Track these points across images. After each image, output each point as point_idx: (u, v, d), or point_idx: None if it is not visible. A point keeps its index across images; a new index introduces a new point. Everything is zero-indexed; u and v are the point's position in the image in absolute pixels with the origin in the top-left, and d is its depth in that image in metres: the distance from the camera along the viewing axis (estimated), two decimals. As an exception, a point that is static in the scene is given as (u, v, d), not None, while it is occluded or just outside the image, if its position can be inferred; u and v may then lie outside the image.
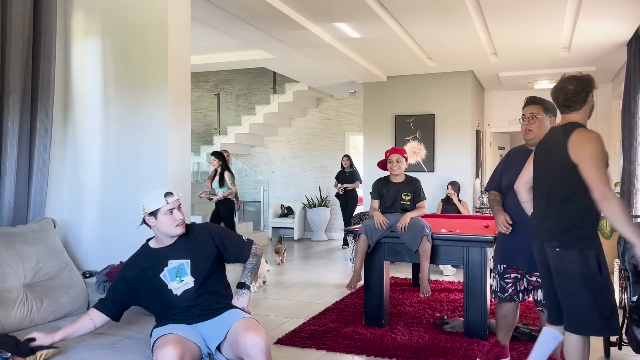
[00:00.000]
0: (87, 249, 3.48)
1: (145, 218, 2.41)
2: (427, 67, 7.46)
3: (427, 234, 4.05)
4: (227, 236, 2.59)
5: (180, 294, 2.42)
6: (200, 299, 2.44)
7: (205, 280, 2.46)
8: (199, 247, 2.49)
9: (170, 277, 2.43)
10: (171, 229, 2.40)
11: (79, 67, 3.55)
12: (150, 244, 2.52)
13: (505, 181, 3.32)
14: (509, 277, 3.31)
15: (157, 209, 2.37)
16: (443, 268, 6.62)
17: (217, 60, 7.57)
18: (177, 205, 2.42)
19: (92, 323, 2.38)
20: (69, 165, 3.55)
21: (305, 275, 6.66)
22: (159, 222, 2.39)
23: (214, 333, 2.37)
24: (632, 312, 3.22)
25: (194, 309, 2.43)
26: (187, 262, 2.45)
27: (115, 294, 2.44)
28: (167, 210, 2.38)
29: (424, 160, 7.96)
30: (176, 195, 2.43)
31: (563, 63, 7.07)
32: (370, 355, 3.67)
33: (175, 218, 2.39)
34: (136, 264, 2.48)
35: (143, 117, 3.39)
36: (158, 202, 2.37)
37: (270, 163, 10.76)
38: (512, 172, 3.24)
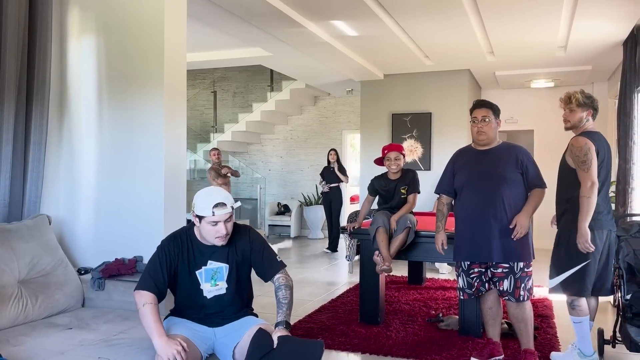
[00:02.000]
0: (82, 245, 3.48)
1: (193, 216, 2.34)
2: (424, 66, 7.46)
3: (409, 226, 4.11)
4: (263, 248, 2.47)
5: (210, 297, 2.38)
6: (225, 307, 2.41)
7: (236, 289, 2.43)
8: (238, 253, 2.42)
9: (206, 278, 2.37)
10: (211, 238, 2.33)
11: (74, 64, 3.54)
12: (196, 233, 2.40)
13: (459, 181, 3.42)
14: (473, 272, 3.37)
15: (203, 216, 2.30)
16: (439, 266, 6.63)
17: (214, 57, 7.56)
18: (224, 218, 2.29)
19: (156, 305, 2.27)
20: (64, 162, 3.55)
21: (301, 273, 6.67)
22: (202, 227, 2.32)
23: (232, 335, 2.36)
24: (626, 310, 3.24)
25: (216, 317, 2.41)
26: (225, 267, 2.40)
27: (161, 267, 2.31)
28: (212, 222, 2.29)
29: (420, 158, 7.97)
30: (228, 208, 2.30)
31: (559, 62, 7.09)
32: (366, 352, 3.68)
33: (218, 230, 2.29)
34: (177, 242, 2.37)
35: (139, 115, 3.38)
36: (205, 210, 2.28)
37: (267, 161, 10.76)
38: (466, 171, 3.41)
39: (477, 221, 3.29)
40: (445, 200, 3.55)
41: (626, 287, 3.31)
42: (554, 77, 7.91)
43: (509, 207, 3.25)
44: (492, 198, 3.26)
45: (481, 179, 3.33)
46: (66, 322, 2.68)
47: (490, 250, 3.24)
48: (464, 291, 3.45)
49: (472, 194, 3.34)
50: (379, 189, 4.40)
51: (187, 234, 2.42)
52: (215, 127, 10.64)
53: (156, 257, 2.35)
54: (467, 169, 3.41)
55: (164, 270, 2.32)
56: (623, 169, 5.29)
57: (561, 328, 4.25)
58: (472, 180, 3.36)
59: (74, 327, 2.61)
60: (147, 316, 2.17)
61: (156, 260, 2.34)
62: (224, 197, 2.32)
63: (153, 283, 2.29)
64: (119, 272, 3.12)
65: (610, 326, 3.66)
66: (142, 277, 2.32)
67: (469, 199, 3.36)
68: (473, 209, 3.33)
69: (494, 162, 3.34)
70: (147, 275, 2.32)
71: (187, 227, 2.46)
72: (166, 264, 2.33)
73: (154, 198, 3.33)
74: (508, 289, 3.26)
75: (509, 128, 9.11)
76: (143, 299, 2.23)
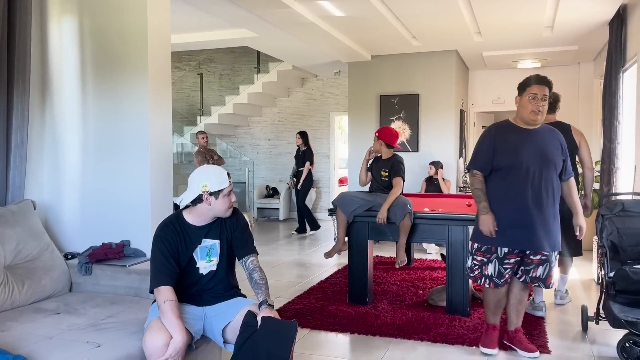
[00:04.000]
0: (68, 230, 3.45)
1: (205, 196, 2.35)
2: (412, 47, 7.43)
3: (409, 211, 4.10)
4: (246, 228, 2.55)
5: (205, 273, 2.44)
6: (216, 283, 2.46)
7: (226, 265, 2.49)
8: (227, 230, 2.48)
9: (202, 256, 2.43)
10: (224, 210, 2.41)
11: (55, 46, 3.47)
12: (186, 217, 2.44)
13: (504, 161, 3.11)
14: (508, 262, 3.15)
15: (220, 190, 2.36)
16: (426, 246, 6.69)
17: (199, 39, 7.45)
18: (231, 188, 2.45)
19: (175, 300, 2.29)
20: (48, 147, 3.50)
21: (289, 255, 6.69)
22: (217, 203, 2.38)
23: (223, 315, 2.38)
24: (609, 287, 3.30)
25: (207, 294, 2.45)
26: (217, 243, 2.47)
27: (166, 258, 2.33)
28: (227, 192, 2.39)
29: (408, 140, 7.96)
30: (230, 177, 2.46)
31: (546, 42, 7.09)
32: (354, 332, 3.72)
33: (231, 198, 2.42)
34: (171, 230, 2.40)
35: (123, 97, 3.34)
36: (223, 183, 2.37)
37: (255, 144, 10.71)
38: (513, 151, 3.10)
39: (524, 207, 3.07)
40: (480, 177, 3.22)
41: (609, 264, 3.37)
42: (540, 58, 7.93)
43: (554, 194, 3.11)
44: (540, 184, 3.07)
45: (530, 162, 3.07)
46: (54, 307, 2.67)
47: (538, 239, 3.07)
48: (492, 280, 3.19)
49: (519, 177, 3.07)
50: (371, 166, 4.56)
51: (177, 220, 2.44)
52: (201, 110, 10.53)
53: (157, 250, 2.36)
54: (514, 148, 3.11)
55: (170, 260, 2.34)
56: (608, 149, 5.34)
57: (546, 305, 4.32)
58: (520, 162, 3.08)
59: (61, 312, 2.60)
60: (168, 313, 2.21)
61: (159, 254, 2.35)
62: (223, 169, 2.48)
63: (166, 276, 2.31)
64: (106, 256, 3.11)
65: (594, 303, 3.73)
66: (153, 274, 2.33)
67: (515, 183, 3.09)
68: (520, 193, 3.08)
69: (542, 145, 3.11)
70: (156, 271, 2.32)
71: (176, 214, 2.47)
72: (169, 253, 2.35)
73: (140, 182, 3.30)
74: (541, 276, 3.18)
75: (496, 109, 9.14)
76: (162, 296, 2.25)
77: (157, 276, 2.31)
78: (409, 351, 3.38)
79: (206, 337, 2.43)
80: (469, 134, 9.11)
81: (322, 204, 10.09)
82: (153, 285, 2.30)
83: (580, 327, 3.76)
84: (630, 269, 3.21)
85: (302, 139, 8.39)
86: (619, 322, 3.11)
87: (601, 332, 3.68)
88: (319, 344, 3.55)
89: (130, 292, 2.93)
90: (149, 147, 3.29)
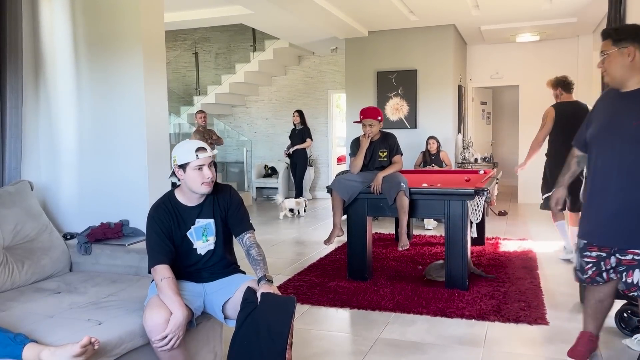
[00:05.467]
0: (67, 210, 3.45)
1: (175, 169, 2.34)
2: (409, 22, 7.34)
3: (403, 188, 4.09)
4: (240, 205, 2.51)
5: (204, 253, 2.43)
6: (215, 261, 2.46)
7: (223, 243, 2.48)
8: (221, 209, 2.46)
9: (197, 236, 2.40)
10: (197, 185, 2.33)
11: (47, 24, 3.42)
12: (178, 197, 2.42)
13: (590, 133, 2.61)
14: (589, 255, 2.59)
15: (187, 163, 2.31)
16: (426, 222, 6.71)
17: (193, 17, 7.36)
18: (208, 162, 2.33)
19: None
20: (43, 127, 3.47)
21: (289, 233, 6.71)
22: (187, 177, 2.33)
23: (223, 291, 2.39)
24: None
25: (206, 271, 2.45)
26: (212, 222, 2.44)
27: (161, 238, 2.32)
28: (197, 166, 2.31)
29: (406, 116, 7.94)
30: (209, 152, 2.35)
31: (545, 15, 7.01)
32: (354, 307, 3.75)
33: (203, 175, 2.32)
34: (163, 210, 2.38)
35: (117, 75, 3.30)
36: (189, 155, 2.30)
37: (252, 123, 10.66)
38: (598, 120, 2.58)
39: (598, 191, 2.54)
40: (577, 153, 2.76)
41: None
42: (539, 31, 7.85)
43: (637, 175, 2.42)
44: (619, 162, 2.44)
45: (610, 133, 2.49)
46: (54, 286, 2.68)
47: (614, 232, 2.48)
48: (576, 273, 2.71)
49: (597, 154, 2.55)
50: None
51: (170, 200, 2.42)
52: (198, 90, 10.45)
53: (151, 230, 2.36)
54: (600, 117, 2.59)
55: (165, 239, 2.34)
56: (607, 122, 5.30)
57: (545, 278, 4.36)
58: (600, 133, 2.54)
59: (62, 291, 2.61)
60: (167, 290, 2.21)
61: (153, 234, 2.35)
62: (201, 143, 2.37)
63: (162, 255, 2.31)
64: (105, 236, 3.11)
65: (592, 275, 3.75)
66: (150, 254, 2.33)
67: (593, 160, 2.58)
68: (596, 174, 2.56)
69: (630, 112, 2.44)
70: (152, 251, 2.33)
71: (169, 193, 2.45)
72: (163, 233, 2.34)
73: (137, 161, 3.29)
74: (639, 282, 2.44)
75: (495, 84, 9.08)
76: (159, 274, 2.25)
77: (154, 256, 2.31)
78: (409, 325, 3.41)
79: (207, 313, 2.45)
80: (467, 110, 9.06)
81: (321, 182, 10.09)
82: (150, 264, 2.31)
83: (579, 298, 3.79)
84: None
85: (300, 118, 8.36)
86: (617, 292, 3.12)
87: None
88: (319, 319, 3.58)
89: (130, 271, 2.94)
90: (145, 126, 3.26)
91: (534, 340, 3.14)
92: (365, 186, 4.27)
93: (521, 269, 4.61)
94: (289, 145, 8.48)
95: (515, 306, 3.66)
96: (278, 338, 2.13)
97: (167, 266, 2.29)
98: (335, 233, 4.50)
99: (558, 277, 4.42)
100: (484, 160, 8.18)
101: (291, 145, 8.42)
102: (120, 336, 2.10)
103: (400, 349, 3.05)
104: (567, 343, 2.93)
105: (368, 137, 4.33)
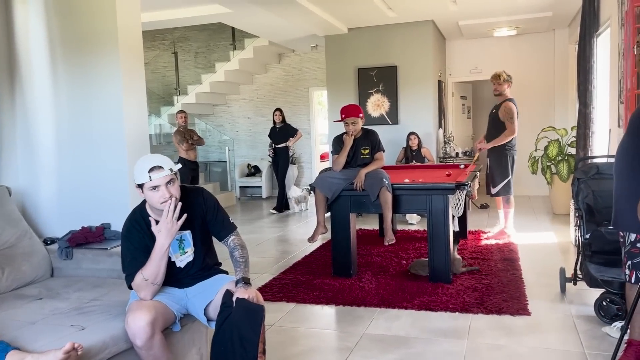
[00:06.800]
0: (47, 215, 3.40)
1: (135, 187, 2.27)
2: (388, 18, 7.37)
3: (385, 184, 4.12)
4: (217, 208, 2.45)
5: (183, 265, 2.38)
6: (196, 270, 2.42)
7: (203, 251, 2.44)
8: (197, 216, 2.39)
9: (174, 249, 2.34)
10: (157, 205, 2.23)
11: (21, 25, 3.36)
12: (148, 211, 2.32)
13: None
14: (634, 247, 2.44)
15: (142, 183, 2.21)
16: (409, 217, 6.76)
17: (171, 16, 7.29)
18: (165, 181, 2.20)
19: None
20: (20, 130, 3.42)
21: (274, 232, 6.71)
22: (145, 196, 2.26)
23: (204, 294, 2.37)
24: (585, 248, 3.38)
25: (186, 278, 2.42)
26: (188, 233, 2.38)
27: (136, 250, 2.28)
28: (152, 187, 2.20)
29: (387, 112, 7.98)
30: (166, 171, 2.20)
31: (521, 10, 7.10)
32: (340, 304, 3.77)
33: (161, 195, 2.20)
34: (136, 230, 2.31)
35: (94, 76, 3.26)
36: (142, 177, 2.20)
37: (234, 122, 10.61)
38: None
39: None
40: None
41: (585, 226, 3.45)
42: (516, 25, 7.94)
43: None
44: None
45: None
46: (35, 292, 2.65)
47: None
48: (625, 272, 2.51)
49: None
50: (341, 146, 4.42)
51: (141, 214, 2.35)
52: (178, 90, 10.36)
53: (126, 249, 2.32)
54: None
55: (140, 256, 2.28)
56: (583, 114, 5.40)
57: (525, 269, 4.43)
58: None
59: (44, 297, 2.58)
60: (146, 268, 2.22)
61: (128, 254, 2.30)
62: (159, 160, 2.24)
63: (140, 264, 2.25)
64: (86, 240, 3.08)
65: (572, 265, 3.83)
66: (127, 272, 2.29)
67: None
68: None
69: None
70: (128, 264, 2.29)
71: (140, 207, 2.39)
72: (138, 249, 2.29)
73: (117, 163, 3.26)
74: None
75: (474, 78, 9.16)
76: (138, 277, 2.23)
77: (131, 267, 2.27)
78: (394, 319, 3.44)
79: (191, 316, 2.44)
80: (447, 105, 9.14)
81: (305, 180, 10.09)
82: (129, 282, 2.27)
83: (559, 288, 3.86)
84: (605, 229, 3.30)
85: (281, 116, 8.34)
86: (595, 281, 3.19)
87: (579, 293, 3.79)
88: (305, 317, 3.59)
89: (112, 275, 2.91)
90: (124, 127, 3.23)
91: (516, 331, 3.19)
92: (348, 183, 4.29)
93: (503, 261, 4.68)
94: (272, 143, 8.43)
95: (497, 298, 3.72)
96: (249, 345, 2.14)
97: None
98: (319, 231, 4.51)
99: (538, 268, 4.50)
100: (464, 154, 8.26)
101: (275, 143, 8.36)
102: (104, 341, 2.08)
103: (386, 344, 3.07)
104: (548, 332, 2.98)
105: (352, 135, 4.34)
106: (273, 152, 8.33)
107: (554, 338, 3.07)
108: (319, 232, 4.52)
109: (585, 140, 5.38)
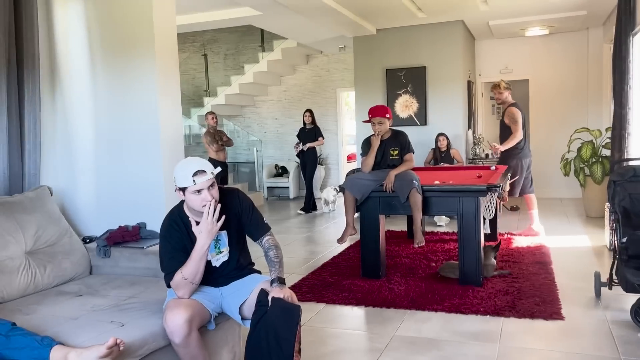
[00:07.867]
0: (85, 215, 3.50)
1: (176, 189, 2.34)
2: (417, 19, 7.34)
3: (415, 186, 4.11)
4: (252, 209, 2.51)
5: (219, 265, 2.44)
6: (231, 269, 2.47)
7: (237, 251, 2.49)
8: (232, 217, 2.44)
9: (210, 249, 2.39)
10: (198, 207, 2.29)
11: (62, 32, 3.48)
12: (186, 211, 2.39)
13: None
14: None
15: (185, 187, 2.28)
16: (437, 219, 6.72)
17: (202, 19, 7.41)
18: (207, 185, 2.27)
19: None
20: (60, 132, 3.53)
21: (303, 232, 6.75)
22: (187, 199, 2.32)
23: (239, 293, 2.42)
24: (622, 252, 3.31)
25: (222, 278, 2.47)
26: (224, 233, 2.44)
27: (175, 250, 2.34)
28: (195, 191, 2.27)
29: (416, 113, 7.94)
30: (208, 175, 2.28)
31: (554, 8, 6.98)
32: (369, 305, 3.77)
33: (203, 198, 2.27)
34: (175, 229, 2.37)
35: (131, 80, 3.35)
36: (186, 181, 2.26)
37: (262, 123, 10.70)
38: None
39: None
40: None
41: (622, 230, 3.38)
42: (548, 24, 7.81)
43: None
44: None
45: None
46: (76, 289, 2.74)
47: None
48: None
49: None
50: None
51: (179, 215, 2.41)
52: (208, 91, 10.51)
53: (164, 249, 2.37)
54: None
55: (179, 255, 2.34)
56: (619, 115, 5.28)
57: (558, 273, 4.36)
58: None
59: (83, 294, 2.67)
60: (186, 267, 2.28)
61: (168, 248, 2.36)
62: (201, 164, 2.30)
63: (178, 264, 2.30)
64: (123, 239, 3.16)
65: (607, 270, 3.75)
66: (165, 266, 2.34)
67: None
68: None
69: None
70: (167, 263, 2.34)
71: (178, 208, 2.44)
72: (176, 249, 2.35)
73: (153, 164, 3.33)
74: None
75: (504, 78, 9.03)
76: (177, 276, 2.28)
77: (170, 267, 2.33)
78: (424, 321, 3.43)
79: (225, 314, 2.49)
80: (477, 106, 9.04)
81: (331, 181, 10.12)
82: (168, 281, 2.33)
83: (594, 293, 3.79)
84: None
85: (311, 117, 8.38)
86: (632, 286, 3.13)
87: (614, 298, 3.71)
88: (334, 317, 3.61)
89: (148, 273, 2.98)
90: (160, 129, 3.31)
91: (549, 335, 3.15)
92: (377, 184, 4.29)
93: (535, 264, 4.62)
94: (299, 143, 8.42)
95: (530, 301, 3.67)
96: (285, 344, 2.17)
97: None
98: (348, 232, 4.52)
99: (572, 271, 4.42)
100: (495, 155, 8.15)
101: (303, 143, 8.37)
102: (143, 337, 2.14)
103: (417, 346, 3.07)
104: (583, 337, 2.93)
105: (378, 135, 4.35)
106: (300, 151, 8.36)
107: (588, 343, 3.02)
108: (348, 233, 4.53)
109: (621, 142, 5.26)
